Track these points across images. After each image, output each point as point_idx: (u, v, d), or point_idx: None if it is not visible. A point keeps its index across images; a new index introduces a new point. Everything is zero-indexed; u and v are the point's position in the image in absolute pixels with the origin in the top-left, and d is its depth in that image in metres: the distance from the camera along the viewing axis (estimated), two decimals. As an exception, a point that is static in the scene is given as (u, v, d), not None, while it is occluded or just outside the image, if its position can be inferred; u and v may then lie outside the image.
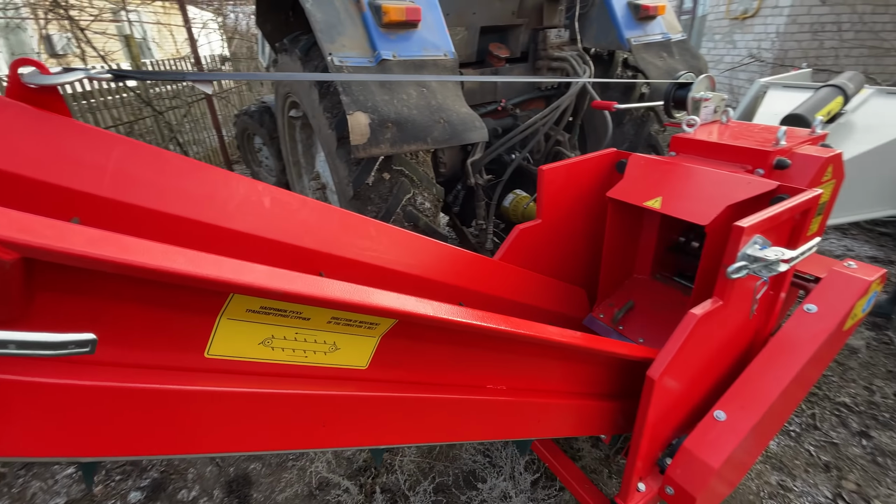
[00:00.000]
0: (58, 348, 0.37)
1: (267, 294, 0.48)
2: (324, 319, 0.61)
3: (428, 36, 1.80)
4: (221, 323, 0.55)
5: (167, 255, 0.43)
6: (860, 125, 1.62)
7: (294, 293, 0.49)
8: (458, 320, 0.63)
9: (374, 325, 0.66)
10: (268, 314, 0.57)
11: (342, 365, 0.67)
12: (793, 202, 1.02)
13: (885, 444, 1.88)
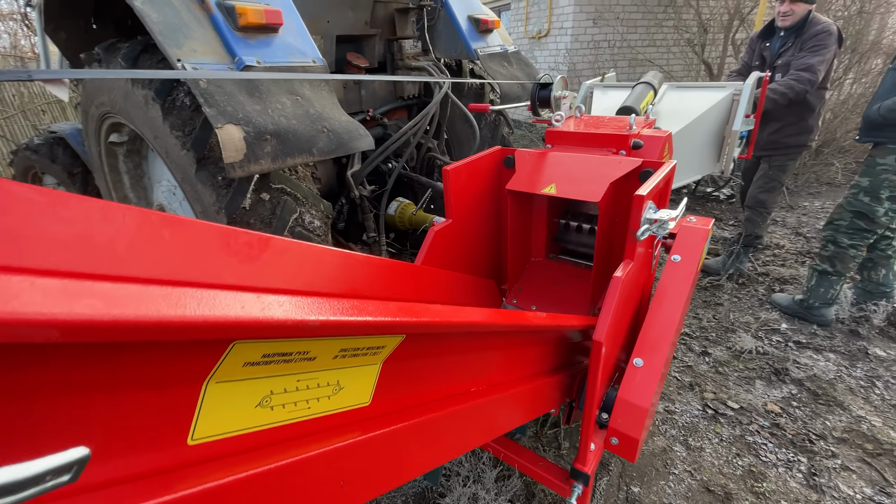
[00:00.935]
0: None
1: (305, 331, 0.37)
2: (331, 355, 0.50)
3: (292, 41, 1.66)
4: (209, 391, 0.41)
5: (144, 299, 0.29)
6: (664, 113, 2.08)
7: (347, 323, 0.38)
8: (483, 321, 0.58)
9: (379, 350, 0.57)
10: (269, 364, 0.44)
11: (347, 407, 0.56)
12: (663, 172, 1.24)
13: (720, 356, 2.42)
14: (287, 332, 0.36)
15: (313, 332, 0.38)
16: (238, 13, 1.47)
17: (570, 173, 1.43)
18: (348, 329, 0.43)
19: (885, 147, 2.31)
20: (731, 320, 2.72)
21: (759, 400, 2.12)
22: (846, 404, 2.07)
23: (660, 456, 1.85)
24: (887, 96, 2.23)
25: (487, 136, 2.93)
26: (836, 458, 1.82)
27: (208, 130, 1.51)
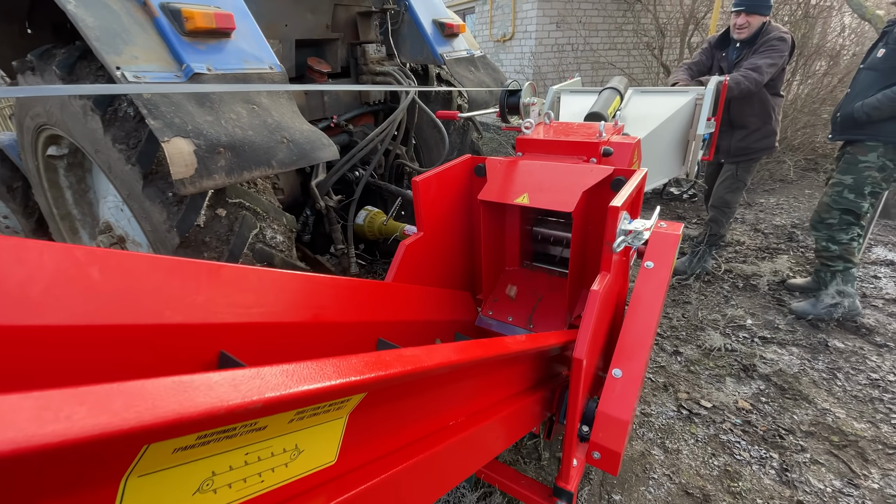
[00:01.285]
0: None
1: (244, 416, 0.30)
2: (286, 420, 0.43)
3: (246, 47, 1.56)
4: (129, 488, 0.33)
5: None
6: (631, 118, 2.10)
7: (296, 396, 0.32)
8: (460, 359, 0.53)
9: (343, 404, 0.50)
10: (207, 444, 0.37)
11: (309, 471, 0.49)
12: (635, 181, 1.22)
13: (691, 355, 2.46)
14: (217, 422, 0.30)
15: (255, 414, 0.31)
16: (185, 17, 1.36)
17: (541, 182, 1.40)
18: (302, 402, 0.36)
19: (865, 144, 2.37)
20: (700, 318, 2.77)
21: (731, 398, 2.16)
22: (811, 397, 2.14)
23: (639, 461, 1.85)
24: (865, 95, 2.31)
25: (457, 141, 2.89)
26: (805, 452, 1.87)
27: (155, 143, 1.40)
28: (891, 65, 2.22)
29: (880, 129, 2.31)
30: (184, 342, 0.73)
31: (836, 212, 2.50)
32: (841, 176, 2.49)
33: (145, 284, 0.70)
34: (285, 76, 1.63)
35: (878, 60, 2.32)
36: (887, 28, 2.34)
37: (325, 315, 1.01)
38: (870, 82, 2.32)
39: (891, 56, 2.23)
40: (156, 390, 0.26)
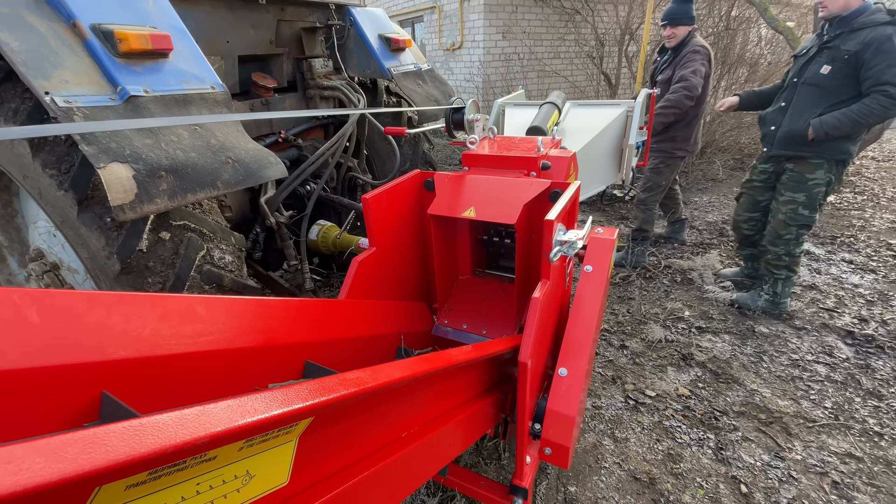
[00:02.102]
0: None
1: (191, 452, 0.33)
2: (235, 448, 0.46)
3: (185, 67, 1.53)
4: (83, 525, 0.35)
5: None
6: (569, 130, 2.23)
7: (221, 434, 0.35)
8: (396, 378, 0.57)
9: (292, 428, 0.54)
10: (158, 478, 0.39)
11: (261, 494, 0.52)
12: (569, 194, 1.32)
13: (636, 348, 2.63)
14: (167, 460, 0.33)
15: (203, 449, 0.35)
16: (118, 38, 1.33)
17: (486, 196, 1.48)
18: (247, 433, 0.39)
19: (811, 162, 2.42)
20: (643, 313, 2.96)
21: (672, 385, 2.33)
22: (741, 380, 2.35)
23: (591, 452, 1.96)
24: (810, 112, 2.34)
25: (409, 152, 2.94)
26: (737, 431, 2.05)
27: (90, 168, 1.35)
28: (838, 83, 2.24)
29: (826, 147, 2.36)
30: (119, 375, 0.73)
31: (792, 228, 2.58)
32: (793, 194, 2.53)
33: (85, 322, 0.69)
34: (228, 95, 1.62)
35: (822, 77, 2.30)
36: (826, 43, 2.31)
37: (276, 338, 1.02)
38: (813, 99, 2.34)
39: (838, 74, 2.24)
40: (107, 435, 0.28)
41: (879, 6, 2.23)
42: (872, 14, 2.19)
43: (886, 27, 2.14)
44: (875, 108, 2.17)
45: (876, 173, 6.16)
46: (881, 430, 2.04)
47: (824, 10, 2.31)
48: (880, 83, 2.14)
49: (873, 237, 4.05)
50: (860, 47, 2.17)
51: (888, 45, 2.10)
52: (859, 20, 2.21)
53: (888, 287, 3.21)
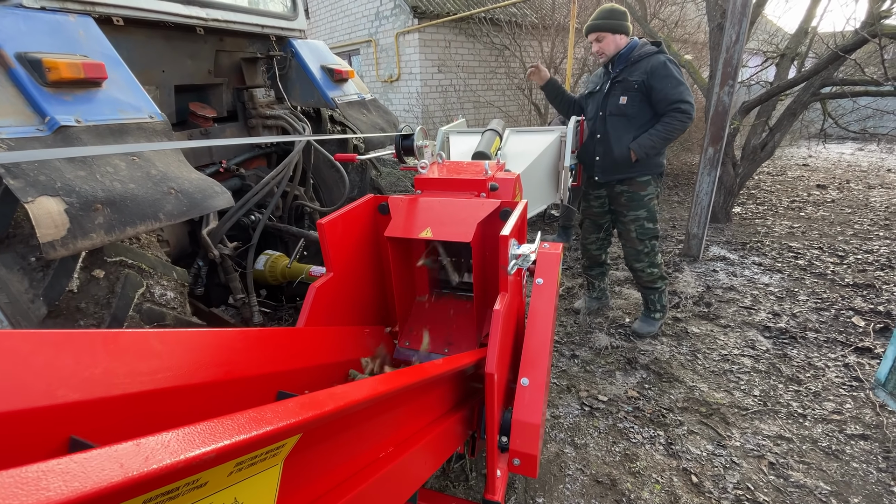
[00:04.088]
0: None
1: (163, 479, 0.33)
2: (226, 473, 0.45)
3: (120, 96, 1.47)
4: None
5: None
6: (510, 154, 2.37)
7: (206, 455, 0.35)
8: (386, 389, 0.58)
9: (278, 450, 0.53)
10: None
11: (249, 519, 0.50)
12: (518, 211, 1.40)
13: (585, 356, 2.76)
14: (175, 477, 0.32)
15: (197, 469, 0.34)
16: (47, 67, 1.25)
17: (441, 217, 1.53)
18: (240, 451, 0.39)
19: (639, 181, 2.64)
20: (589, 323, 3.13)
21: (621, 389, 2.46)
22: (681, 378, 2.54)
23: (555, 461, 2.01)
24: (624, 139, 2.56)
25: (356, 179, 2.95)
26: (683, 425, 2.20)
27: (12, 204, 1.24)
28: (636, 109, 2.50)
29: (648, 165, 2.60)
30: (66, 421, 0.67)
31: (645, 242, 2.76)
32: (635, 213, 2.71)
33: (32, 364, 0.64)
34: (167, 125, 1.56)
35: (623, 107, 2.54)
36: (615, 79, 2.56)
37: (237, 370, 0.98)
38: (622, 126, 2.57)
39: (634, 101, 2.50)
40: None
41: (644, 40, 2.57)
42: (643, 47, 2.52)
43: (659, 55, 2.45)
44: (676, 124, 2.45)
45: (773, 186, 7.04)
46: (804, 411, 2.28)
47: (603, 56, 2.59)
48: (673, 103, 2.42)
49: (776, 241, 4.59)
50: (645, 76, 2.45)
51: (666, 69, 2.41)
52: (634, 54, 2.51)
53: (793, 284, 3.65)
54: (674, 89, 2.42)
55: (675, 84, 2.42)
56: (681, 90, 2.42)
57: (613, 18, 2.50)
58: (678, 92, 2.41)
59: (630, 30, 2.56)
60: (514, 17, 7.93)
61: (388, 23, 8.59)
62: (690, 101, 2.43)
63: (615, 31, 2.51)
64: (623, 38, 2.54)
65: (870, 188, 6.67)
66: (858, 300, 3.35)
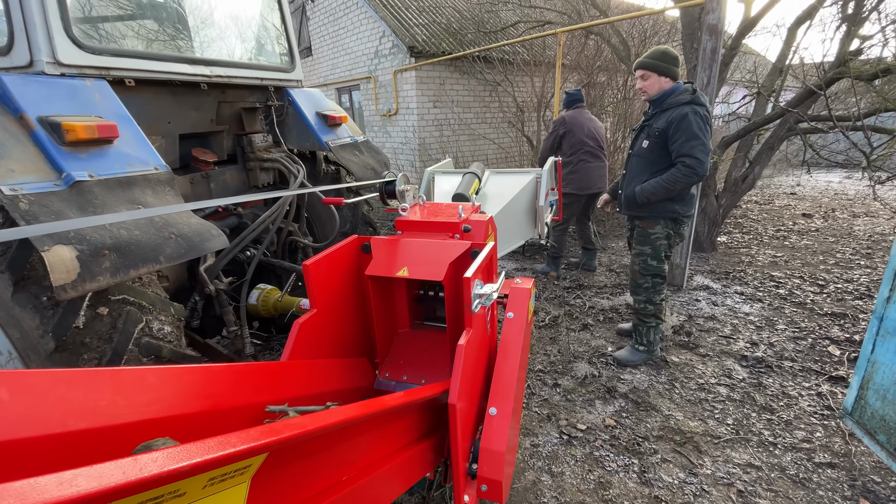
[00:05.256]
0: None
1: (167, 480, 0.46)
2: (200, 485, 0.58)
3: (129, 151, 1.64)
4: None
5: None
6: (490, 194, 2.54)
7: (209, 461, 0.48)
8: (338, 420, 0.71)
9: (246, 469, 0.65)
10: (142, 507, 0.51)
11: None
12: (483, 253, 1.55)
13: (567, 385, 2.85)
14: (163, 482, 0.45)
15: (181, 476, 0.47)
16: (65, 129, 1.43)
17: (417, 257, 1.67)
18: (210, 467, 0.52)
19: (650, 219, 2.75)
20: (572, 352, 3.23)
21: (600, 417, 2.55)
22: (658, 406, 2.62)
23: (531, 489, 2.08)
24: (639, 178, 2.76)
25: (349, 215, 3.12)
26: (657, 453, 2.28)
27: (27, 250, 1.39)
28: (656, 155, 2.62)
29: (657, 208, 2.71)
30: (81, 447, 0.80)
31: (647, 277, 2.85)
32: (641, 247, 2.83)
33: (49, 398, 0.77)
34: (171, 175, 1.73)
35: (644, 150, 2.68)
36: (645, 122, 2.72)
37: (221, 402, 1.10)
38: (640, 168, 2.72)
39: (654, 147, 2.62)
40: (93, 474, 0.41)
41: (687, 87, 2.56)
42: (678, 95, 2.53)
43: (685, 107, 2.47)
44: (678, 177, 2.51)
45: (759, 215, 7.22)
46: (775, 440, 2.36)
47: (645, 95, 2.69)
48: (680, 156, 2.48)
49: (759, 271, 4.72)
50: (666, 125, 2.53)
51: (685, 122, 2.44)
52: (668, 101, 2.56)
53: (772, 313, 3.75)
54: (684, 143, 2.46)
55: (687, 138, 2.45)
56: (691, 145, 2.44)
57: (664, 61, 2.55)
58: (688, 146, 2.45)
59: (678, 75, 2.59)
60: (506, 54, 8.32)
61: (386, 61, 9.00)
62: (698, 157, 2.44)
63: (662, 73, 2.56)
64: (668, 81, 2.58)
65: (854, 217, 6.84)
66: (836, 329, 3.45)
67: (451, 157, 3.42)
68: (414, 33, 8.47)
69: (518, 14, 8.39)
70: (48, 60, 1.57)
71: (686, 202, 2.71)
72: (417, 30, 8.64)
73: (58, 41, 1.57)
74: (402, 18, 8.70)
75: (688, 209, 2.73)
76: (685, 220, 2.78)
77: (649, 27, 7.14)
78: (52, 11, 1.54)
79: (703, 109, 2.51)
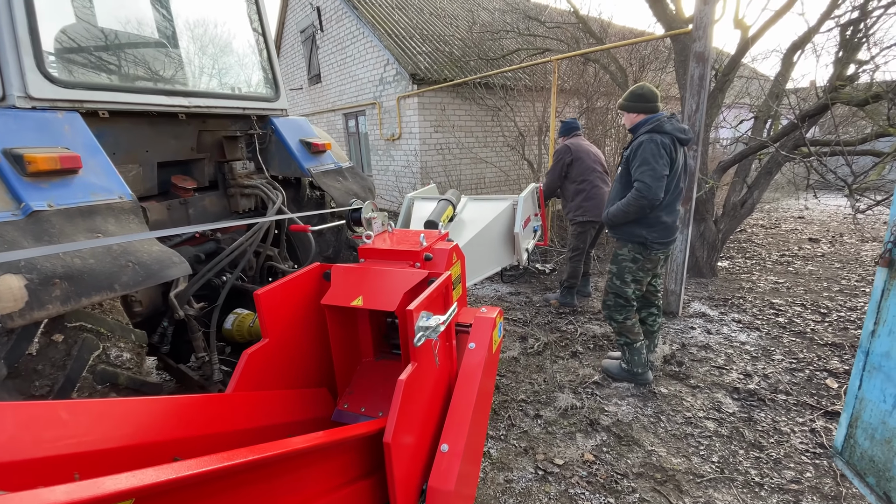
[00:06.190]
0: None
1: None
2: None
3: (94, 180, 1.68)
4: None
5: None
6: (466, 221, 2.54)
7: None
8: (196, 472, 0.69)
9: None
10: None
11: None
12: (437, 283, 1.53)
13: (549, 416, 2.76)
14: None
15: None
16: (27, 161, 1.47)
17: (373, 286, 1.66)
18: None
19: (620, 241, 2.88)
20: (558, 381, 3.14)
21: (578, 452, 2.45)
22: (641, 441, 2.52)
23: (499, 529, 2.00)
24: (613, 202, 2.85)
25: (332, 238, 3.13)
26: (635, 492, 2.18)
27: (-21, 278, 1.41)
28: (626, 179, 2.73)
29: (624, 231, 2.81)
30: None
31: (611, 295, 2.94)
32: (611, 265, 2.95)
33: None
34: (136, 204, 1.76)
35: (619, 175, 2.83)
36: (624, 151, 2.83)
37: (145, 437, 1.09)
38: (616, 192, 2.84)
39: (624, 172, 2.75)
40: None
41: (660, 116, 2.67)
42: (645, 125, 2.68)
43: (644, 135, 2.62)
44: (631, 201, 2.63)
45: (764, 240, 7.08)
46: (761, 480, 2.24)
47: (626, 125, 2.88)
48: (635, 180, 2.62)
49: (759, 297, 4.60)
50: (630, 152, 2.70)
51: (640, 149, 2.60)
52: (638, 131, 2.72)
53: (770, 343, 3.63)
54: (637, 169, 2.60)
55: (640, 163, 2.59)
56: (641, 170, 2.57)
57: (631, 100, 2.76)
58: (639, 171, 2.58)
59: (651, 109, 2.73)
60: (508, 80, 8.46)
61: (390, 87, 9.22)
62: (647, 183, 2.55)
63: (631, 110, 2.78)
64: (639, 115, 2.76)
65: (863, 242, 6.66)
66: (835, 361, 3.32)
67: (455, 180, 3.44)
68: (417, 61, 8.69)
69: (519, 42, 8.57)
70: (20, 95, 1.63)
71: (656, 228, 2.72)
72: (420, 58, 8.86)
73: (30, 77, 1.64)
74: (405, 47, 8.95)
75: (659, 236, 2.74)
76: (656, 247, 2.77)
77: (647, 54, 7.22)
78: (24, 48, 1.62)
79: (664, 137, 2.58)
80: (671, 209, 2.72)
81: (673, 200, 2.71)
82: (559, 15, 8.69)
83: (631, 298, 2.90)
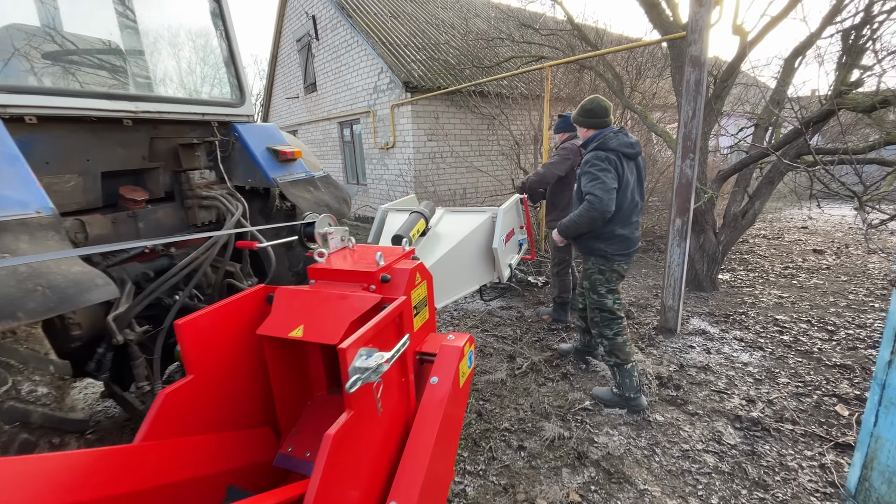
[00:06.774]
0: None
1: None
2: None
3: (8, 193, 1.49)
4: None
5: None
6: (441, 235, 2.34)
7: None
8: None
9: None
10: None
11: None
12: (384, 313, 1.32)
13: (533, 448, 2.53)
14: None
15: None
16: (-86, 171, 1.28)
17: (317, 314, 1.45)
18: None
19: (583, 255, 2.85)
20: (545, 407, 2.91)
21: (564, 490, 2.22)
22: (633, 478, 2.28)
23: (469, 586, 1.76)
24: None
25: (301, 253, 2.92)
26: (624, 540, 1.94)
27: None
28: (581, 193, 2.67)
29: (583, 245, 2.79)
30: None
31: (595, 311, 2.83)
32: (583, 281, 2.92)
33: None
34: (56, 219, 1.57)
35: (576, 191, 2.79)
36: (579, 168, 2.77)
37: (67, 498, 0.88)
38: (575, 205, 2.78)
39: (579, 189, 2.69)
40: None
41: (607, 132, 2.66)
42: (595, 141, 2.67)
43: (590, 152, 2.63)
44: (583, 212, 2.59)
45: (767, 251, 6.85)
46: (767, 524, 2.00)
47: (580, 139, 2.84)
48: (586, 193, 2.58)
49: (762, 313, 4.37)
50: (580, 169, 2.68)
51: (586, 165, 2.60)
52: (588, 146, 2.71)
53: (774, 364, 3.40)
54: (586, 183, 2.58)
55: (588, 178, 2.58)
56: (592, 184, 2.55)
57: (581, 115, 2.76)
58: (589, 185, 2.56)
59: (597, 124, 2.72)
60: (502, 88, 8.32)
61: (384, 96, 9.09)
62: (598, 195, 2.52)
63: (582, 125, 2.78)
64: (587, 131, 2.76)
65: (870, 253, 6.43)
66: (845, 384, 3.08)
67: (448, 189, 3.24)
68: (410, 69, 8.56)
69: (514, 50, 8.44)
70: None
71: (613, 241, 2.70)
72: (414, 66, 8.74)
73: (-68, 77, 1.46)
74: (399, 55, 8.84)
75: (618, 248, 2.71)
76: (617, 258, 2.74)
77: (644, 61, 7.07)
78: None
79: (609, 154, 2.58)
80: (626, 222, 2.69)
81: (628, 214, 2.68)
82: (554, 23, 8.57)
83: (615, 310, 2.80)
